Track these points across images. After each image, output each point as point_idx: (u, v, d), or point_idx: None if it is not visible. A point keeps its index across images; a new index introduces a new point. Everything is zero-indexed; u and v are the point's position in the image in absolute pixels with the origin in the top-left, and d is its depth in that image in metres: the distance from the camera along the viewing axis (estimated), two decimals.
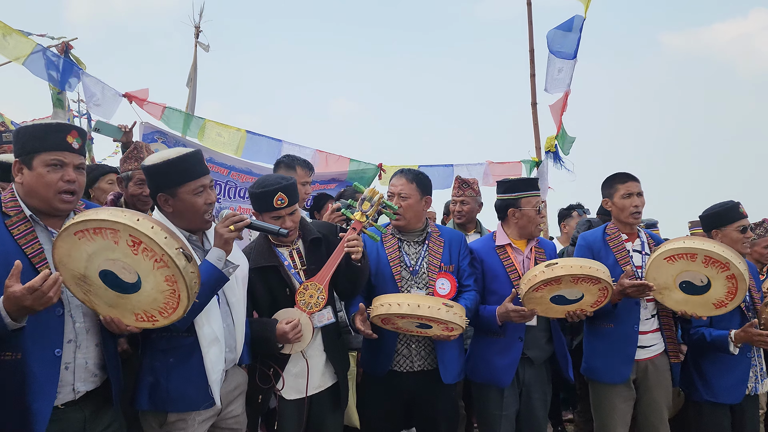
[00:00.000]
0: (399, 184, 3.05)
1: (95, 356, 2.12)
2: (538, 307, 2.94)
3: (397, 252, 3.03)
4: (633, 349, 3.20)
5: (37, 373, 1.93)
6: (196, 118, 5.60)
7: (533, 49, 6.78)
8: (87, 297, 1.98)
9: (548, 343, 3.20)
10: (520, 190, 3.22)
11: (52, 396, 1.96)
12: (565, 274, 2.77)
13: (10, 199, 2.00)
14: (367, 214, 2.78)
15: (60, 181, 1.98)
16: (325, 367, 2.79)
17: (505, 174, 6.75)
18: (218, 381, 2.32)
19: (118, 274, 1.91)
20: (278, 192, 2.62)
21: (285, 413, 2.68)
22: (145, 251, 1.86)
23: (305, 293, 2.65)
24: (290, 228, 2.68)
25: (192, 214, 2.32)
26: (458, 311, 2.70)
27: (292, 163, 3.72)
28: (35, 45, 5.02)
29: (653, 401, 3.25)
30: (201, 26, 7.66)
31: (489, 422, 3.14)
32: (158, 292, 1.96)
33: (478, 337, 3.26)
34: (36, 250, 1.96)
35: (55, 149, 1.98)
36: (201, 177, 2.32)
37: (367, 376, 3.11)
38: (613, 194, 3.34)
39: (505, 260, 3.16)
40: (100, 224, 1.81)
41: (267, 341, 2.58)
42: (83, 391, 2.08)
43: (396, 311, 2.64)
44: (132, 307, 2.01)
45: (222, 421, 2.46)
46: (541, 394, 3.18)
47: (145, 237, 1.83)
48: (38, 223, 2.01)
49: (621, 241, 3.30)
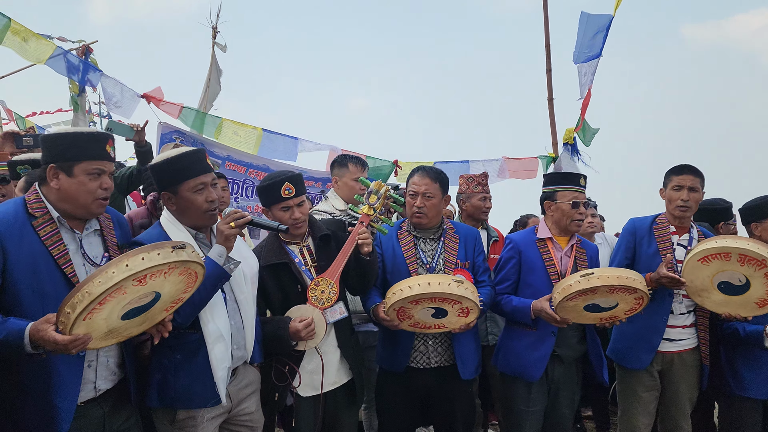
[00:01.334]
0: (423, 183, 3.03)
1: (116, 355, 2.18)
2: (572, 315, 2.91)
3: (413, 249, 3.04)
4: (658, 339, 3.19)
5: (62, 371, 1.98)
6: (213, 117, 5.67)
7: (549, 44, 6.72)
8: (120, 336, 2.01)
9: (580, 343, 3.18)
10: (556, 183, 3.23)
11: (75, 394, 2.02)
12: (601, 285, 2.73)
13: (35, 201, 2.04)
14: (374, 207, 2.80)
15: (99, 189, 2.06)
16: (340, 363, 2.80)
17: (521, 170, 6.73)
18: (224, 378, 2.34)
19: (138, 305, 1.93)
20: (285, 182, 2.67)
21: (301, 410, 2.70)
22: (153, 276, 1.87)
23: (317, 289, 2.67)
24: (299, 219, 2.71)
25: (193, 211, 2.34)
26: (470, 287, 2.69)
27: (344, 160, 3.88)
28: (55, 48, 5.12)
29: (676, 395, 3.24)
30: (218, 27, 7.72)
31: (515, 418, 3.12)
32: (177, 284, 2.01)
33: (509, 329, 3.25)
34: (61, 252, 2.01)
35: (97, 158, 2.05)
36: (201, 175, 2.34)
37: (384, 373, 3.11)
38: (667, 184, 3.30)
39: (544, 254, 3.14)
40: (102, 296, 1.77)
41: (280, 339, 2.60)
42: (104, 389, 2.13)
43: (408, 294, 2.63)
44: (159, 308, 2.04)
45: (235, 418, 2.48)
46: (569, 393, 3.16)
47: (147, 270, 1.83)
48: (63, 225, 2.06)
49: (667, 233, 3.26)
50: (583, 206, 3.16)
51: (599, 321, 2.99)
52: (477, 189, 4.19)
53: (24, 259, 1.94)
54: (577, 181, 3.22)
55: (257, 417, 2.56)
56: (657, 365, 3.23)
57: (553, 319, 2.89)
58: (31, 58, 5.16)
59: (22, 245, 1.95)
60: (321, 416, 2.72)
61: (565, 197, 3.15)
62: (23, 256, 1.94)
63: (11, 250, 1.92)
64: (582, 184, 3.22)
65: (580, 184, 3.21)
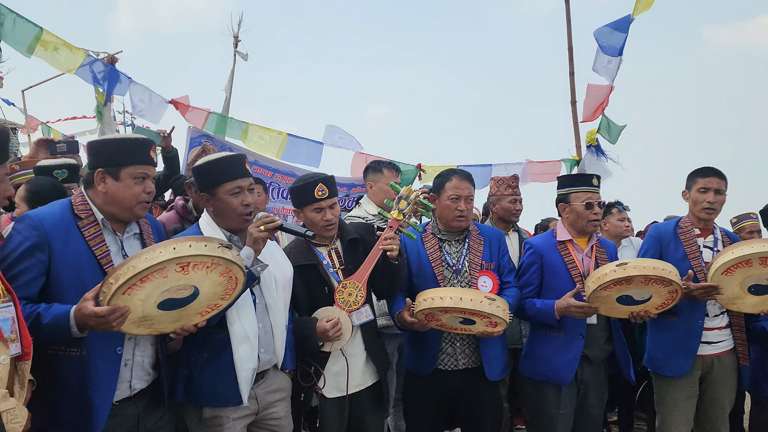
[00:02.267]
0: (465, 187, 3.04)
1: (151, 355, 2.24)
2: (604, 306, 2.90)
3: (438, 252, 3.05)
4: (696, 343, 3.14)
5: (100, 369, 2.05)
6: (239, 122, 5.75)
7: (572, 47, 6.69)
8: (152, 328, 2.07)
9: (607, 343, 3.16)
10: (569, 185, 3.23)
11: (112, 391, 2.08)
12: (637, 274, 2.72)
13: (81, 203, 2.13)
14: (404, 213, 2.81)
15: (143, 193, 2.15)
16: (365, 365, 2.82)
17: (544, 173, 6.69)
18: (247, 379, 2.36)
19: (175, 296, 1.99)
20: (319, 183, 2.71)
21: (326, 412, 2.72)
22: (195, 267, 1.94)
23: (344, 291, 2.69)
24: (330, 221, 2.74)
25: (229, 214, 2.39)
26: (501, 305, 2.69)
27: (378, 166, 3.98)
28: (86, 56, 5.23)
29: (716, 399, 3.21)
30: (240, 36, 7.84)
31: (546, 421, 3.10)
32: (216, 285, 2.05)
33: (535, 334, 3.23)
34: (104, 252, 2.09)
35: (142, 163, 2.15)
36: (239, 179, 2.39)
37: (411, 375, 3.12)
38: (691, 186, 3.27)
39: (566, 257, 3.13)
40: (144, 273, 1.84)
41: (307, 339, 2.63)
42: (138, 389, 2.19)
43: (439, 305, 2.65)
44: (195, 309, 2.10)
45: (262, 422, 2.51)
46: (598, 394, 3.14)
47: (191, 257, 1.90)
48: (106, 227, 2.15)
49: (693, 236, 3.23)
50: (598, 206, 3.15)
51: (630, 315, 2.96)
52: (507, 191, 4.19)
53: (69, 257, 2.03)
54: (589, 181, 3.21)
55: (285, 423, 2.57)
56: (697, 370, 3.18)
57: (582, 311, 2.87)
58: (61, 68, 5.27)
59: (67, 244, 2.04)
60: (346, 418, 2.74)
61: (578, 198, 3.15)
62: (68, 254, 2.03)
63: (57, 248, 2.01)
64: (595, 184, 3.20)
65: (592, 185, 3.19)
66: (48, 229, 2.02)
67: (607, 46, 6.04)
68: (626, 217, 4.72)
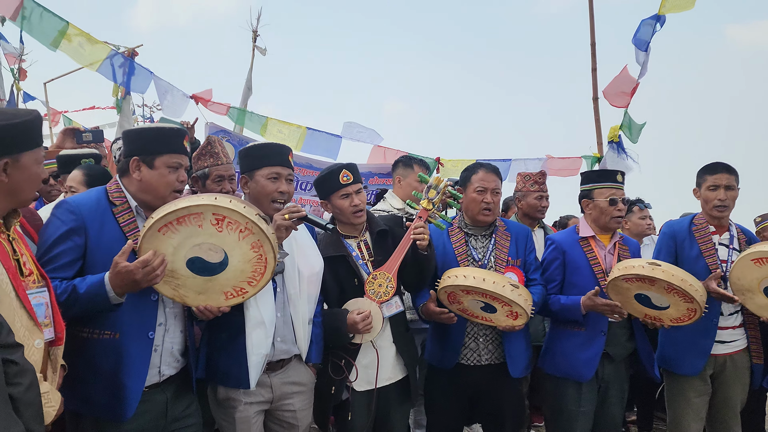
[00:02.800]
0: (492, 180, 3.04)
1: (179, 342, 2.28)
2: (619, 297, 2.88)
3: (464, 246, 3.04)
4: (710, 342, 3.11)
5: (132, 352, 2.08)
6: (259, 115, 5.78)
7: (595, 42, 6.59)
8: (176, 292, 2.10)
9: (629, 341, 3.13)
10: (593, 181, 3.21)
11: (143, 375, 2.11)
12: (664, 279, 2.68)
13: (116, 191, 2.18)
14: (433, 202, 2.81)
15: (176, 181, 2.20)
16: (395, 358, 2.81)
17: (564, 169, 6.64)
18: (257, 364, 2.38)
19: (205, 257, 2.02)
20: (343, 169, 2.74)
21: (356, 405, 2.71)
22: (230, 225, 1.97)
23: (374, 282, 2.69)
24: (358, 206, 2.75)
25: (263, 198, 2.46)
26: (524, 294, 2.67)
27: (409, 161, 4.01)
28: (110, 51, 5.27)
29: (728, 398, 3.18)
30: (258, 30, 7.85)
31: (565, 418, 3.09)
32: (245, 262, 2.07)
33: (556, 330, 3.21)
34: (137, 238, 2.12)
35: (176, 152, 2.20)
36: (278, 166, 2.48)
37: (434, 370, 3.11)
38: (701, 184, 3.24)
39: (588, 253, 3.12)
40: (182, 212, 1.92)
41: (338, 331, 2.63)
42: (167, 375, 2.22)
43: (462, 283, 2.64)
44: (221, 286, 2.11)
45: (277, 411, 2.53)
46: (618, 392, 3.12)
47: (226, 210, 1.94)
48: (140, 214, 2.19)
49: (708, 233, 3.20)
50: (622, 202, 3.12)
51: (643, 316, 2.94)
52: (533, 188, 4.18)
53: (104, 242, 2.07)
54: (614, 177, 3.18)
55: (302, 416, 2.58)
56: (709, 369, 3.16)
57: (608, 307, 2.86)
58: (84, 62, 5.31)
59: (103, 229, 2.09)
60: (373, 412, 2.73)
61: (602, 195, 3.13)
62: (104, 239, 2.08)
63: (93, 233, 2.07)
64: (619, 180, 3.17)
65: (617, 181, 3.16)
66: (84, 213, 2.07)
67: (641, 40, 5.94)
68: (648, 215, 4.68)
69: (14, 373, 1.40)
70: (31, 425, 1.43)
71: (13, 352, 1.42)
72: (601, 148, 6.57)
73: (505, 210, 5.44)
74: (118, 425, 2.06)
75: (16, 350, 1.44)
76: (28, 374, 1.44)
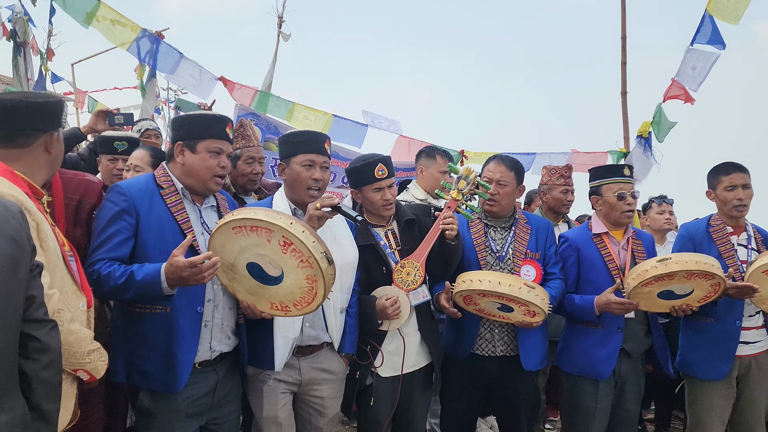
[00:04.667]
0: (498, 171, 3.03)
1: (230, 318, 2.34)
2: (644, 302, 2.87)
3: (483, 237, 3.03)
4: (734, 345, 3.08)
5: (182, 326, 2.17)
6: (285, 101, 5.80)
7: (625, 36, 6.49)
8: (230, 283, 2.19)
9: (646, 336, 3.12)
10: (600, 177, 3.18)
11: (194, 348, 2.20)
12: (680, 269, 2.67)
13: (163, 175, 2.28)
14: (462, 192, 2.81)
15: (217, 166, 2.26)
16: (420, 346, 2.83)
17: (589, 164, 6.56)
18: (283, 346, 2.42)
19: (264, 267, 2.10)
20: (378, 162, 2.74)
21: (380, 390, 2.74)
22: (294, 252, 2.02)
23: (402, 271, 2.71)
24: (389, 200, 2.76)
25: (298, 185, 2.50)
26: (540, 294, 2.66)
27: (432, 152, 3.97)
28: (139, 31, 5.31)
29: (752, 400, 3.14)
30: (284, 17, 7.88)
31: (582, 415, 3.08)
32: (297, 287, 2.12)
33: (572, 328, 3.20)
34: (184, 218, 2.22)
35: (218, 137, 2.27)
36: (313, 153, 2.51)
37: (449, 359, 3.12)
38: (716, 185, 3.20)
39: (602, 249, 3.10)
40: (257, 223, 1.98)
41: (367, 317, 2.66)
42: (218, 351, 2.29)
43: (477, 287, 2.64)
44: (269, 296, 2.19)
45: (304, 396, 2.56)
46: (635, 388, 3.11)
47: (296, 239, 1.98)
48: (186, 197, 2.28)
49: (726, 234, 3.17)
50: (631, 196, 3.09)
51: (671, 309, 2.92)
52: (559, 181, 4.15)
53: (154, 222, 2.17)
54: (621, 172, 3.15)
55: (329, 404, 2.61)
56: (735, 371, 3.12)
57: (623, 307, 2.84)
58: (116, 41, 5.36)
59: (152, 210, 2.18)
60: (397, 398, 2.76)
61: (610, 190, 3.11)
62: (153, 219, 2.17)
63: (143, 213, 2.16)
64: (626, 174, 3.14)
65: (624, 175, 3.13)
66: (134, 195, 2.17)
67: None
68: (666, 210, 4.55)
69: (35, 349, 1.40)
70: (43, 403, 1.42)
71: (38, 327, 1.42)
72: (627, 143, 6.49)
73: (528, 203, 5.42)
74: (171, 398, 2.15)
75: (42, 326, 1.43)
76: (50, 353, 1.44)
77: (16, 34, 6.75)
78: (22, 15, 6.79)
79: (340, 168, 5.22)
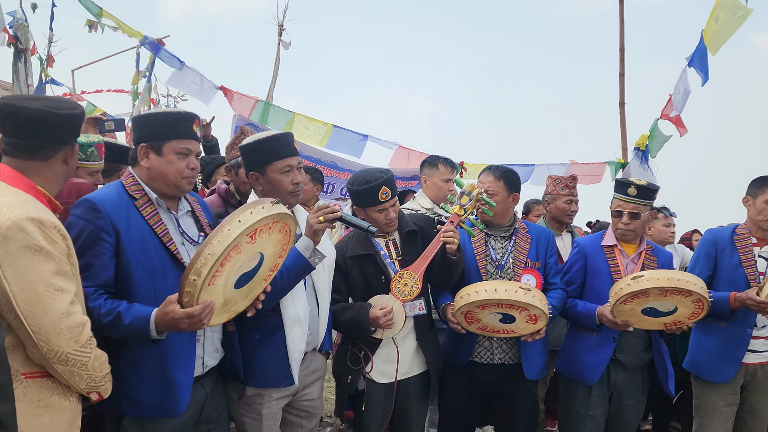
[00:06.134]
0: (486, 180, 3.07)
1: (219, 330, 2.26)
2: (631, 319, 2.88)
3: (483, 246, 3.04)
4: (743, 351, 3.11)
5: (177, 345, 2.04)
6: (285, 111, 5.82)
7: (624, 47, 6.53)
8: (230, 311, 2.08)
9: (645, 352, 3.11)
10: (614, 190, 3.21)
11: (191, 367, 2.09)
12: (651, 287, 2.67)
13: (132, 183, 2.09)
14: (465, 208, 2.82)
15: (186, 169, 2.10)
16: (414, 355, 2.84)
17: (588, 175, 6.61)
18: (298, 361, 2.40)
19: (246, 270, 1.98)
20: (383, 186, 2.71)
21: (373, 396, 2.75)
22: (260, 231, 1.92)
23: (400, 281, 2.71)
24: (392, 219, 2.77)
25: (279, 192, 2.37)
26: (538, 295, 2.66)
27: (435, 161, 3.96)
28: (142, 37, 5.35)
29: (756, 408, 3.18)
30: (284, 25, 7.92)
31: (574, 421, 3.10)
32: (276, 244, 2.05)
33: (572, 331, 3.23)
34: (163, 231, 2.06)
35: (185, 137, 2.10)
36: (288, 157, 2.38)
37: (448, 366, 3.12)
38: (758, 195, 3.20)
39: (610, 260, 3.12)
40: (222, 256, 1.80)
41: (359, 324, 2.65)
42: (210, 366, 2.21)
43: (475, 299, 2.64)
44: (261, 276, 2.10)
45: (298, 402, 2.55)
46: (633, 402, 3.11)
47: (255, 224, 1.87)
48: (161, 206, 2.12)
49: (749, 244, 3.19)
50: (628, 216, 3.08)
51: (664, 326, 2.92)
52: (564, 191, 4.16)
53: (134, 237, 1.99)
54: (624, 190, 3.15)
55: (318, 404, 2.62)
56: (740, 378, 3.16)
57: (613, 323, 2.86)
58: (117, 47, 5.41)
59: (130, 224, 2.00)
60: (392, 405, 2.76)
61: (612, 205, 3.17)
62: (133, 234, 2.00)
63: (122, 230, 1.97)
64: (629, 193, 3.11)
65: (626, 193, 3.12)
66: (110, 210, 1.97)
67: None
68: (672, 223, 4.64)
69: None
70: None
71: None
72: (625, 154, 6.53)
73: (526, 212, 5.44)
74: (161, 423, 2.04)
75: None
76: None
77: (18, 40, 6.78)
78: (23, 21, 6.83)
79: (338, 179, 5.22)
